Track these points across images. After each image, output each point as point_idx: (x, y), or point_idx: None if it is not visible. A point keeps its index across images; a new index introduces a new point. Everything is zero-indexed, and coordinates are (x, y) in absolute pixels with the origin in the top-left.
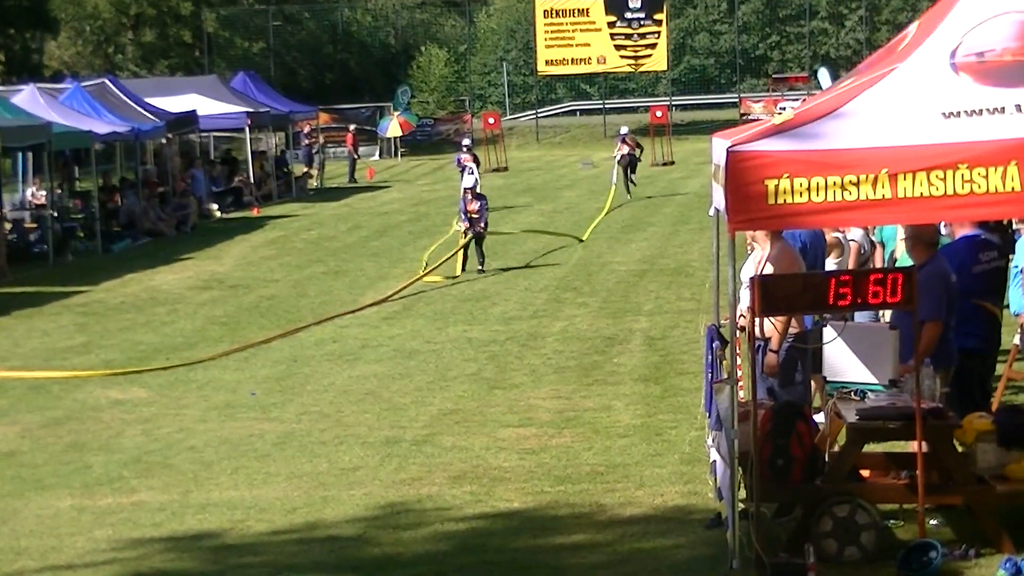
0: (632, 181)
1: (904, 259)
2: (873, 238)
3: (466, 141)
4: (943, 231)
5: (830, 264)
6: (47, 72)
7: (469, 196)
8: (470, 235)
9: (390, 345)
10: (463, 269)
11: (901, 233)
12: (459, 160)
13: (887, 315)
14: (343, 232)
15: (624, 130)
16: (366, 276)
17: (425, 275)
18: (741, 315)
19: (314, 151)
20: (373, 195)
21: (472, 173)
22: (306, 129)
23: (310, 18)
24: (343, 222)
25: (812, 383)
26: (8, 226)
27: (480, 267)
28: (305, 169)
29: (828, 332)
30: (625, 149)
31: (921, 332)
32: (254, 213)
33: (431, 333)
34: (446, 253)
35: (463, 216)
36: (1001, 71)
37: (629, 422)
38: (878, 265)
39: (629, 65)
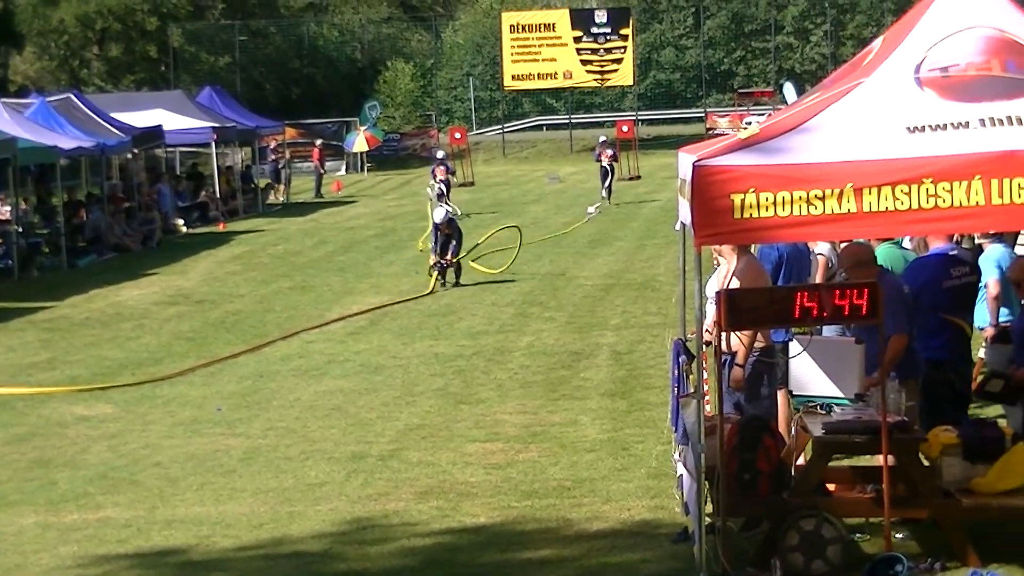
0: (610, 191)
1: None
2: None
3: (440, 153)
4: (908, 245)
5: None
6: (12, 87)
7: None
8: (436, 270)
9: (356, 360)
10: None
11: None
12: (433, 169)
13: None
14: (309, 247)
15: (603, 139)
16: (332, 291)
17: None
18: (707, 329)
19: (280, 166)
20: (339, 210)
21: (442, 203)
22: (272, 144)
23: (276, 33)
24: (309, 237)
25: (779, 397)
26: None
27: (455, 280)
28: (267, 182)
29: (794, 346)
30: (604, 159)
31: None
32: (220, 228)
33: (397, 348)
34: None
35: (434, 246)
36: (965, 86)
37: (596, 437)
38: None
39: (595, 80)
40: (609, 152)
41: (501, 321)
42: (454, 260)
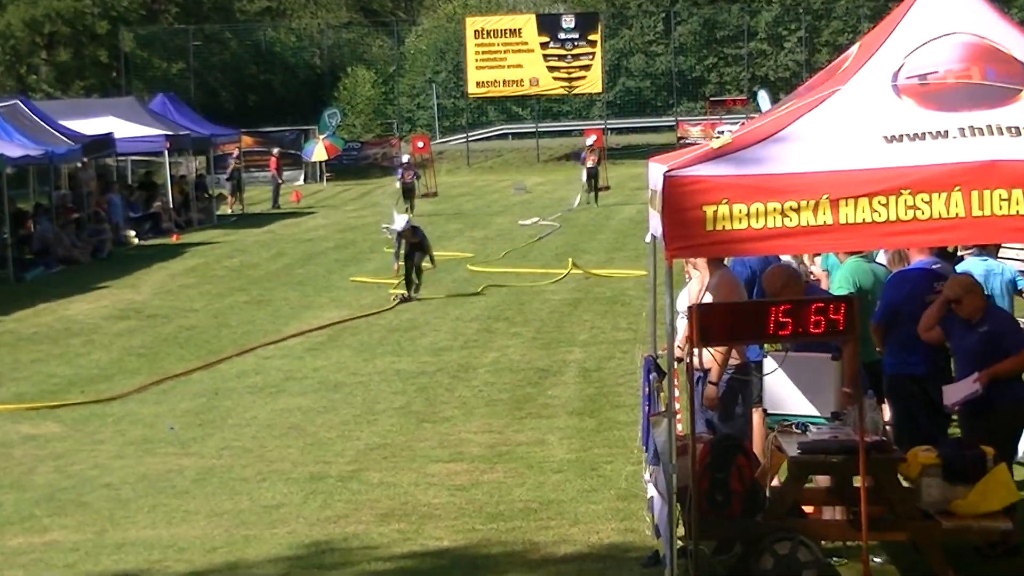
0: (596, 194)
1: (835, 288)
2: (814, 267)
3: (404, 158)
4: (881, 259)
5: None
6: None
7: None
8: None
9: (315, 377)
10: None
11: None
12: (400, 174)
13: None
14: (266, 259)
15: (589, 142)
16: (290, 305)
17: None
18: (679, 345)
19: (226, 177)
20: (297, 221)
21: (405, 209)
22: (235, 152)
23: (232, 38)
24: (266, 249)
25: (754, 415)
26: None
27: (415, 293)
28: (220, 191)
29: (768, 363)
30: (590, 162)
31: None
32: (173, 240)
33: (357, 365)
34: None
35: (395, 258)
36: (944, 94)
37: (563, 457)
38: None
39: (563, 87)
40: (595, 156)
41: (465, 336)
42: (417, 281)
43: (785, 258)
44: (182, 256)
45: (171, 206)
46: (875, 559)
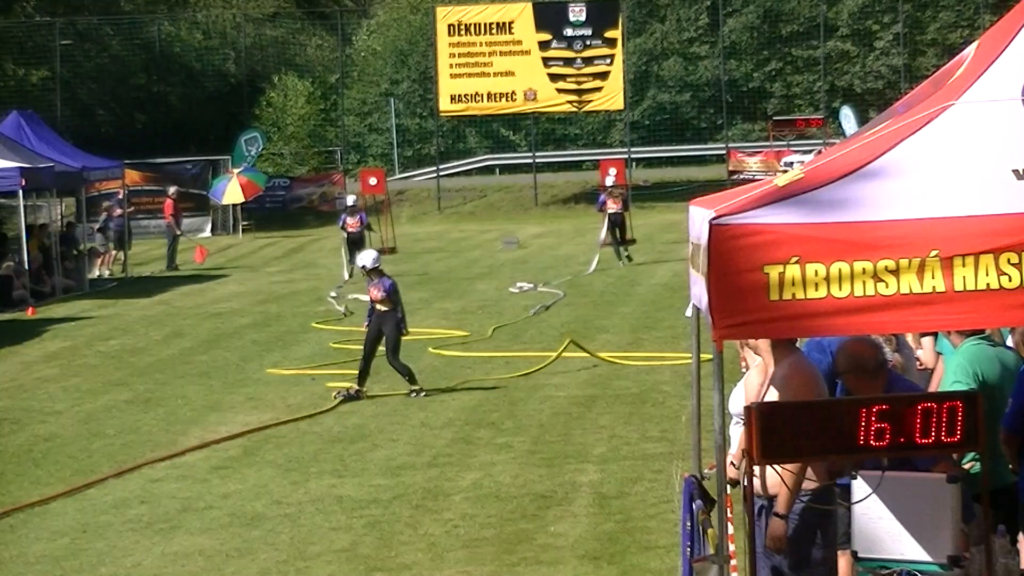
0: (625, 248)
1: (949, 383)
2: (919, 351)
3: (350, 199)
4: (1011, 342)
5: None
6: None
7: (372, 280)
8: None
9: (224, 507)
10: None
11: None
12: (343, 222)
13: None
14: (157, 342)
15: (610, 181)
16: (190, 406)
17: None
18: (732, 462)
19: (111, 224)
20: (202, 288)
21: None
22: (117, 193)
23: (114, 35)
24: (157, 327)
25: (839, 561)
26: None
27: (413, 389)
28: (93, 247)
29: (859, 486)
30: (613, 207)
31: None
32: (28, 314)
33: (284, 490)
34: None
35: (368, 317)
36: None
37: None
38: (935, 387)
39: (570, 103)
40: (613, 207)
41: (435, 449)
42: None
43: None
44: (40, 337)
45: (26, 267)
46: None
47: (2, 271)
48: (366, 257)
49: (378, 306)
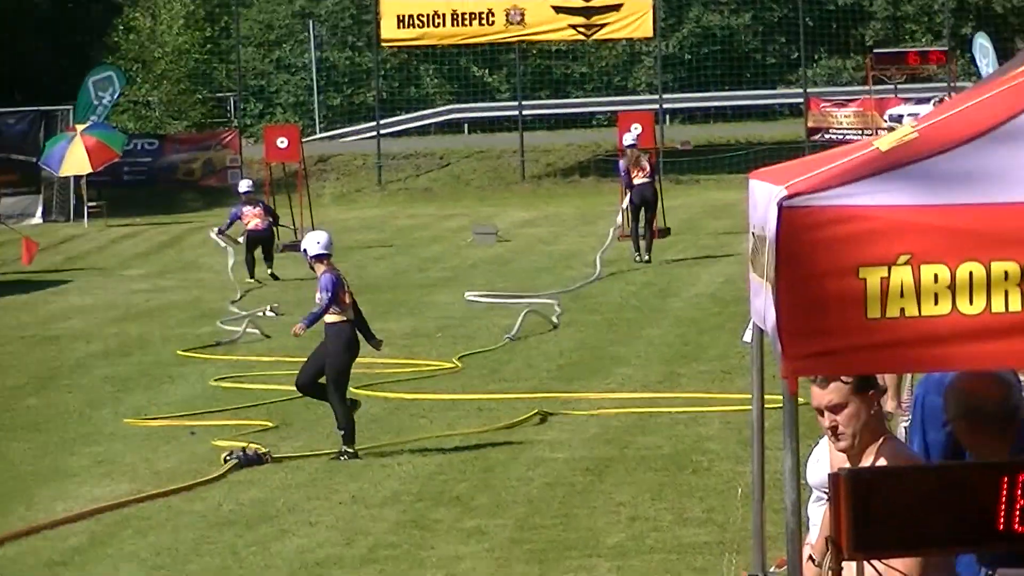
0: (649, 242)
1: None
2: None
3: (244, 184)
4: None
5: None
6: None
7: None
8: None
9: None
10: None
11: None
12: (236, 215)
13: None
14: None
15: (630, 139)
16: (12, 473)
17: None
18: (811, 556)
19: None
20: (30, 300)
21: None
22: None
23: None
24: None
25: None
26: None
27: (344, 449)
28: None
29: None
30: (641, 177)
31: None
32: None
33: None
34: None
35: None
36: None
37: None
38: None
39: (575, 29)
40: (646, 166)
41: (372, 537)
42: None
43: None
44: None
45: None
46: None
47: None
48: (323, 237)
49: (347, 314)
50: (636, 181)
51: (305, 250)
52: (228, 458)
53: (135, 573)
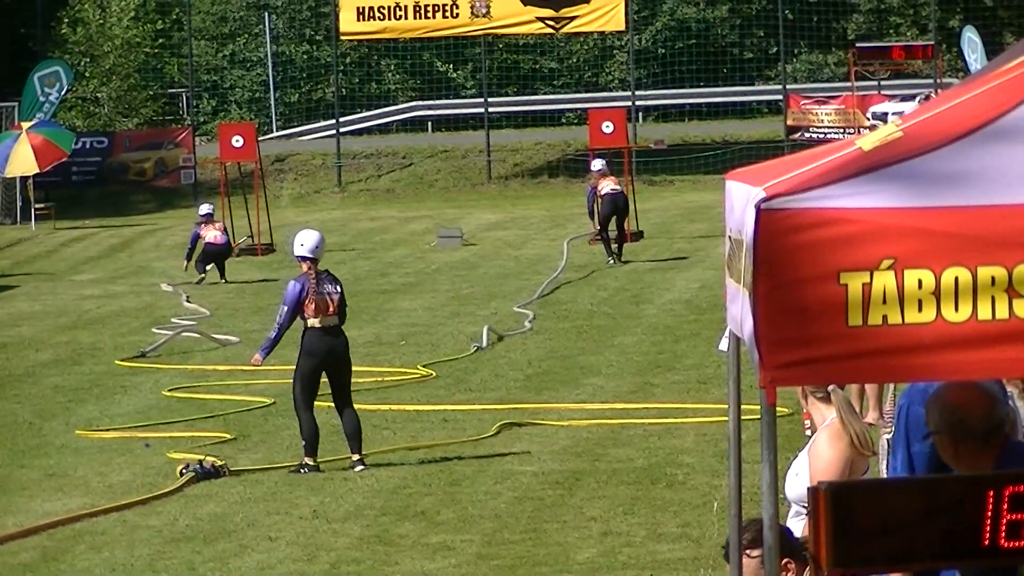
0: (618, 243)
1: None
2: None
3: (204, 208)
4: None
5: None
6: None
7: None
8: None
9: None
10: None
11: None
12: (196, 234)
13: None
14: None
15: (599, 165)
16: None
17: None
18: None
19: None
20: None
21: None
22: None
23: None
24: None
25: None
26: None
27: (358, 457)
28: None
29: None
30: (609, 185)
31: None
32: None
33: None
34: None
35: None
36: None
37: None
38: None
39: (543, 22)
40: (609, 186)
41: (335, 553)
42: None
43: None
44: None
45: None
46: None
47: None
48: (308, 239)
49: (328, 319)
50: (605, 190)
51: (301, 256)
52: (184, 471)
53: None
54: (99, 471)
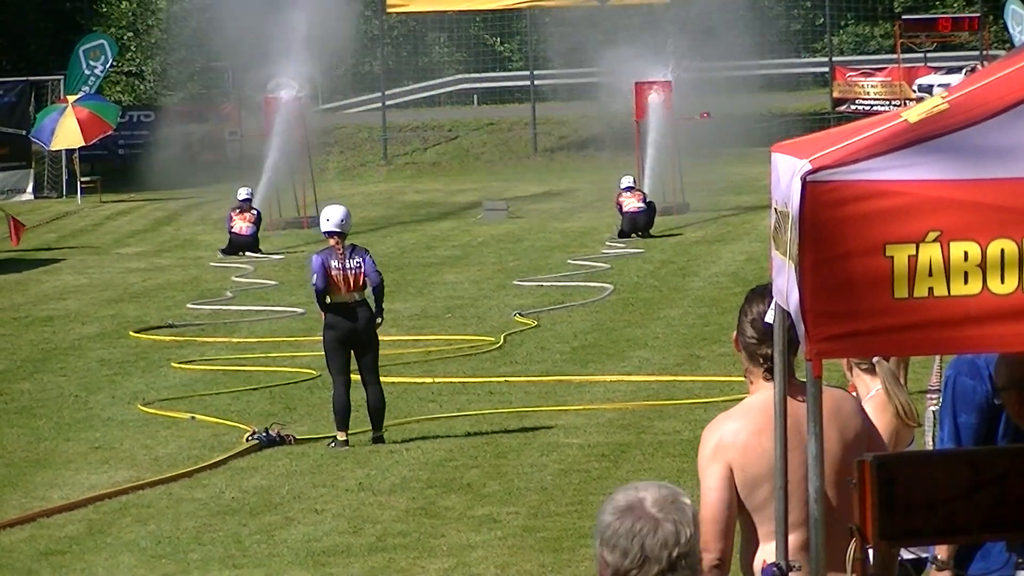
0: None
1: None
2: None
3: (243, 192)
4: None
5: None
6: None
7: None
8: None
9: None
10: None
11: None
12: (229, 221)
13: None
14: None
15: (627, 182)
16: (6, 460)
17: None
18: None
19: None
20: (22, 279)
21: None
22: None
23: None
24: None
25: None
26: None
27: (376, 433)
28: None
29: None
30: (632, 203)
31: None
32: None
33: None
34: None
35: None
36: None
37: None
38: None
39: None
40: (633, 203)
41: (381, 525)
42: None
43: None
44: None
45: None
46: None
47: None
48: (334, 214)
49: (350, 295)
50: (628, 207)
51: (330, 231)
52: (251, 438)
53: (135, 562)
54: (144, 444)
